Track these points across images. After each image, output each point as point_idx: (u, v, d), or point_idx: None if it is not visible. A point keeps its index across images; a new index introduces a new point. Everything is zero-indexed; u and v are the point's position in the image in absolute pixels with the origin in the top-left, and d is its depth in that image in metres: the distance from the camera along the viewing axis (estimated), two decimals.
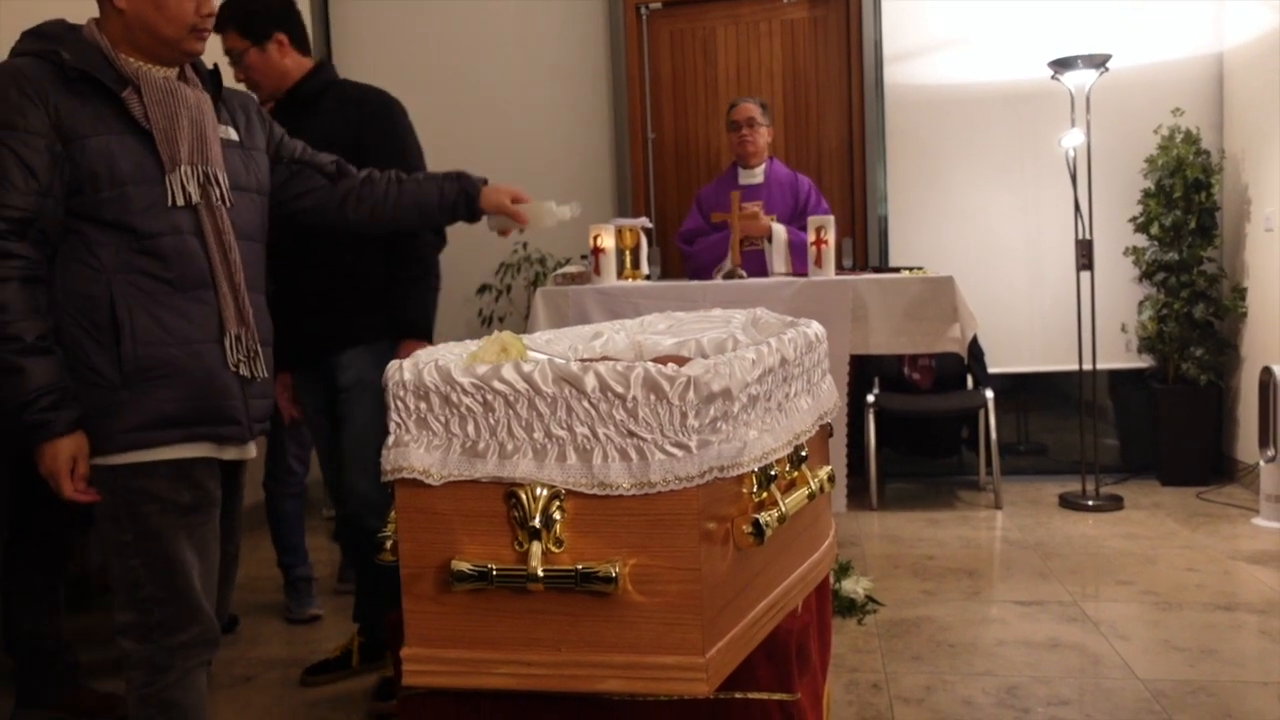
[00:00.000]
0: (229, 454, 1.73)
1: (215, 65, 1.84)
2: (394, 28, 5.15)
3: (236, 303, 1.70)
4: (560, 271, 3.88)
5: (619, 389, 1.13)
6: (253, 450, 1.79)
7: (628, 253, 3.86)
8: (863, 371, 4.36)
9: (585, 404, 1.14)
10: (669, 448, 1.12)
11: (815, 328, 1.58)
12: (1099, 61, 4.02)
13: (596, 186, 5.06)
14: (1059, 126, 4.28)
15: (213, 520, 1.72)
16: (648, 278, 3.96)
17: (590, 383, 1.14)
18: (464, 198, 2.09)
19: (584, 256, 4.15)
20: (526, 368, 1.17)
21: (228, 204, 1.71)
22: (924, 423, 4.72)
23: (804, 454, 1.40)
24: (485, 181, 2.15)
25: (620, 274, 3.81)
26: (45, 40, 1.62)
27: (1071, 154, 4.13)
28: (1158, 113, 4.40)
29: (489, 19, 5.07)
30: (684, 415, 1.12)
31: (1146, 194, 4.40)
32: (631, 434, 1.13)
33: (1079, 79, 4.08)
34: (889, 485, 4.64)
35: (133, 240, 1.61)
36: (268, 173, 1.88)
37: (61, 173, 1.57)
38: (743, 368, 1.22)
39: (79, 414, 1.58)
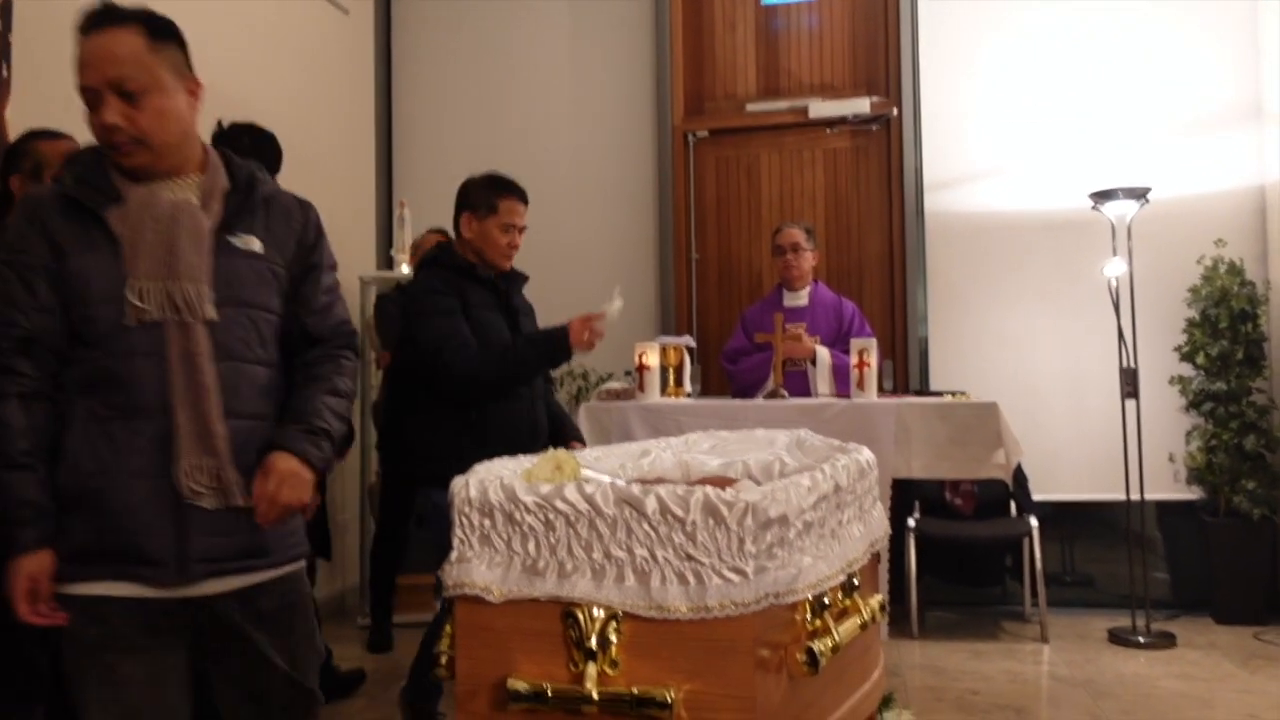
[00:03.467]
0: (159, 593, 1.57)
1: (255, 171, 1.77)
2: (450, 148, 5.39)
3: (200, 428, 1.56)
4: (604, 388, 3.95)
5: (679, 512, 1.15)
6: (216, 587, 1.61)
7: (671, 370, 3.92)
8: (903, 495, 4.31)
9: (645, 526, 1.17)
10: (726, 573, 1.14)
11: (866, 454, 1.60)
12: (1139, 193, 4.09)
13: (641, 304, 5.16)
14: (1100, 255, 4.33)
15: (139, 667, 1.58)
16: (690, 395, 4.01)
17: (651, 505, 1.16)
18: None
19: (628, 373, 4.22)
20: (589, 488, 1.20)
21: (202, 319, 1.59)
22: (966, 549, 4.63)
23: (856, 582, 1.41)
24: None
25: (664, 391, 3.87)
26: (69, 165, 1.70)
27: (1114, 283, 4.16)
28: (1200, 243, 4.44)
29: (542, 140, 5.29)
30: (742, 541, 1.14)
31: (1191, 323, 4.40)
32: (690, 557, 1.15)
33: (1120, 209, 4.15)
34: (930, 613, 4.52)
35: (91, 364, 1.57)
36: (285, 290, 1.76)
37: (58, 292, 1.57)
38: (798, 494, 1.24)
39: (47, 534, 1.53)
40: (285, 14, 4.62)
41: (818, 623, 1.27)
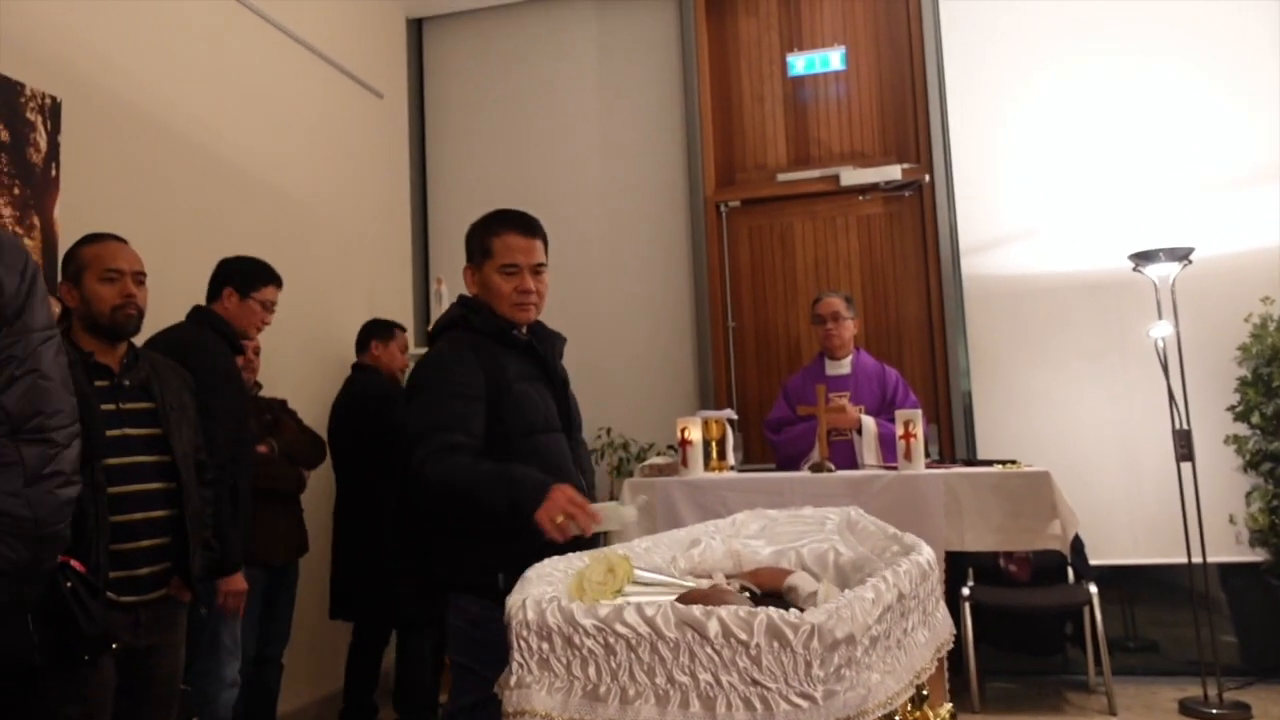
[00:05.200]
0: None
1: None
2: None
3: None
4: (647, 463, 3.92)
5: (743, 635, 1.12)
6: None
7: (714, 444, 3.89)
8: (956, 563, 4.21)
9: (708, 650, 1.13)
10: (794, 698, 1.10)
11: (926, 554, 1.56)
12: (1182, 254, 4.03)
13: (679, 374, 5.15)
14: (1144, 315, 4.27)
15: None
16: (733, 467, 3.97)
17: (714, 628, 1.13)
18: None
19: (670, 448, 4.20)
20: (649, 611, 1.17)
21: None
22: (1024, 618, 4.50)
23: (925, 692, 1.36)
24: None
25: (707, 465, 3.83)
26: None
27: (1161, 344, 4.09)
28: (1247, 301, 4.36)
29: (576, 215, 5.34)
30: (809, 664, 1.10)
31: (1243, 382, 4.31)
32: (755, 682, 1.12)
33: (1162, 271, 4.09)
34: (989, 684, 4.39)
35: None
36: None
37: None
38: (863, 609, 1.20)
39: None
40: (324, 101, 4.74)
41: None
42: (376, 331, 4.11)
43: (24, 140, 2.97)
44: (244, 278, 3.11)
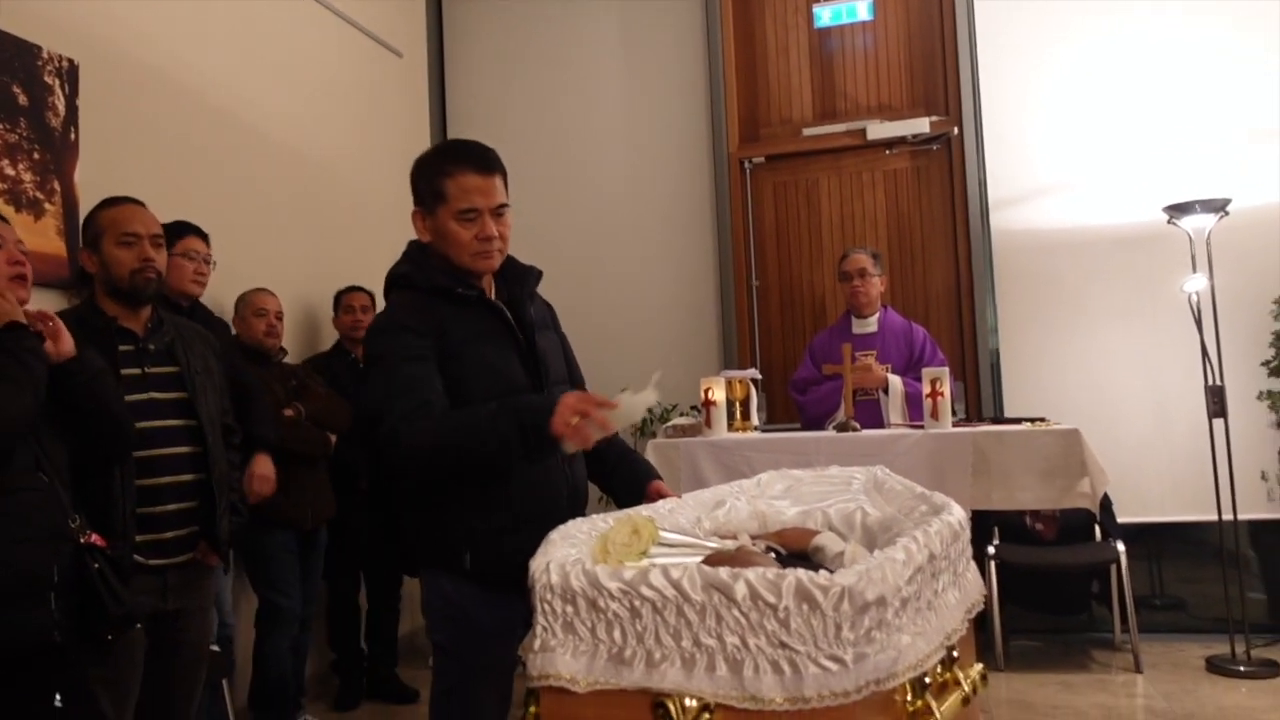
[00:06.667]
0: None
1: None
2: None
3: None
4: (671, 424, 3.90)
5: (771, 598, 1.11)
6: None
7: (738, 404, 3.87)
8: (981, 521, 4.17)
9: (735, 613, 1.12)
10: (824, 661, 1.09)
11: (957, 514, 1.53)
12: (1218, 206, 3.93)
13: (702, 335, 5.11)
14: (1177, 269, 4.18)
15: None
16: (757, 428, 3.95)
17: (741, 591, 1.12)
18: None
19: (694, 408, 4.17)
20: (675, 573, 1.16)
21: None
22: (1050, 576, 4.48)
23: (955, 654, 1.34)
24: None
25: (730, 425, 3.81)
26: None
27: (1195, 298, 4.01)
28: None
29: (599, 173, 5.28)
30: (839, 627, 1.09)
31: (1279, 336, 4.22)
32: (784, 645, 1.10)
33: (1197, 223, 3.99)
34: (1013, 642, 4.38)
35: None
36: None
37: None
38: (894, 571, 1.18)
39: None
40: (343, 61, 4.69)
41: (919, 703, 1.21)
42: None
43: (42, 104, 2.96)
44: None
